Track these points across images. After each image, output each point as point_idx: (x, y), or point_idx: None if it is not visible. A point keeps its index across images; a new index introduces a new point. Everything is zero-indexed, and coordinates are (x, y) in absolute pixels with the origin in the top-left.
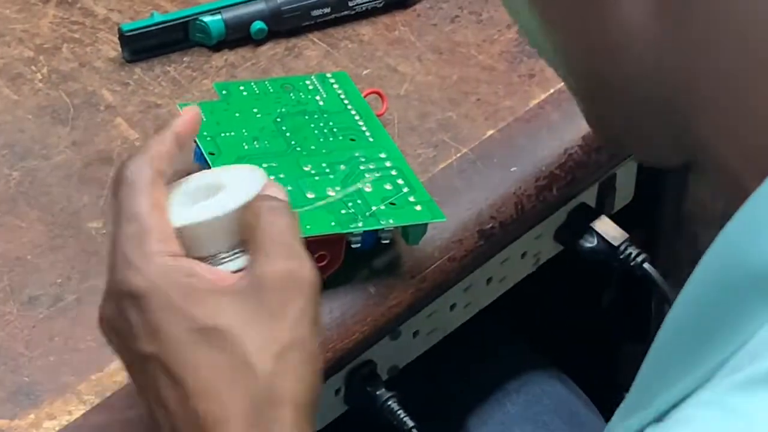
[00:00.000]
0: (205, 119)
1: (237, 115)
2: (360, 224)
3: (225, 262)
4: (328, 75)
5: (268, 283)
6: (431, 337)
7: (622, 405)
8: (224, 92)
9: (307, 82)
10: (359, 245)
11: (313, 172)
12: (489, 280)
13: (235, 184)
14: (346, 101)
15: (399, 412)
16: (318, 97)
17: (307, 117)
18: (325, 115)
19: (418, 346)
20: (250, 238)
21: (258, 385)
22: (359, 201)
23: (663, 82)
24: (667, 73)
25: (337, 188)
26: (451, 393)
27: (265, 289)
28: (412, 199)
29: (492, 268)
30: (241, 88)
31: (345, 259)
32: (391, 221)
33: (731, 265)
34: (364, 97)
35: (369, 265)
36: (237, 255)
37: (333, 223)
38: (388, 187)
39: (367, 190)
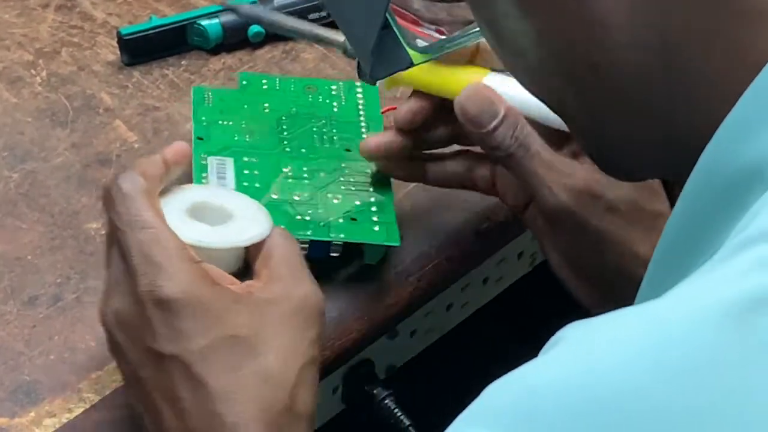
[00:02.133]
0: (210, 105)
1: (245, 106)
2: (309, 233)
3: None
4: (358, 83)
5: (292, 302)
6: (428, 337)
7: None
8: (244, 83)
9: (333, 87)
10: (305, 253)
11: (290, 174)
12: (485, 280)
13: (244, 216)
14: (361, 113)
15: (396, 410)
16: (335, 103)
17: (313, 120)
18: (332, 122)
19: (415, 346)
20: (266, 263)
21: (279, 397)
22: (320, 210)
23: (645, 55)
24: (648, 38)
25: (305, 194)
26: (447, 391)
27: (287, 306)
28: (375, 218)
29: (488, 268)
30: (264, 81)
31: (344, 260)
32: (342, 236)
33: (719, 168)
34: (383, 112)
35: (366, 265)
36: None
37: (283, 226)
38: (357, 202)
39: (335, 201)
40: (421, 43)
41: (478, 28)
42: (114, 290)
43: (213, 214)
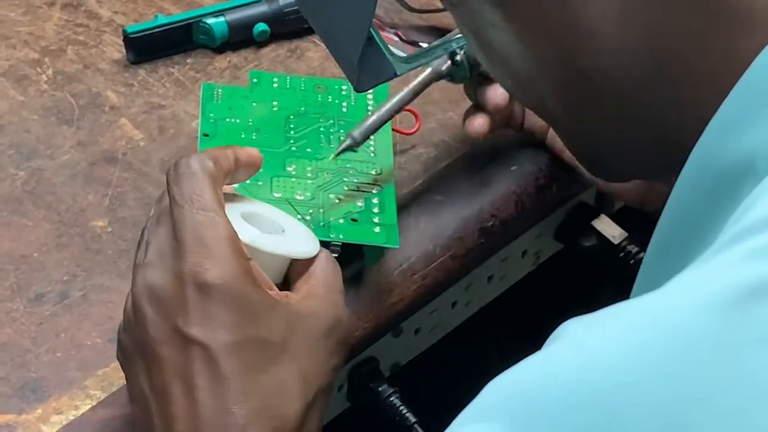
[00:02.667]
0: (219, 102)
1: (254, 104)
2: None
3: None
4: None
5: (325, 324)
6: (433, 335)
7: None
8: (255, 80)
9: (343, 87)
10: None
11: (294, 173)
12: (490, 278)
13: (294, 234)
14: (370, 113)
15: (401, 408)
16: (345, 104)
17: (321, 120)
18: (341, 122)
19: (419, 343)
20: (307, 280)
21: (291, 412)
22: (322, 210)
23: (633, 60)
24: (636, 43)
25: (308, 194)
26: (452, 389)
27: (319, 326)
28: (376, 220)
29: (493, 266)
30: (274, 80)
31: (347, 258)
32: (341, 236)
33: (710, 162)
34: None
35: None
36: None
37: (328, 251)
38: (359, 203)
39: (337, 201)
40: (396, 52)
41: (457, 37)
42: (155, 264)
43: (266, 224)
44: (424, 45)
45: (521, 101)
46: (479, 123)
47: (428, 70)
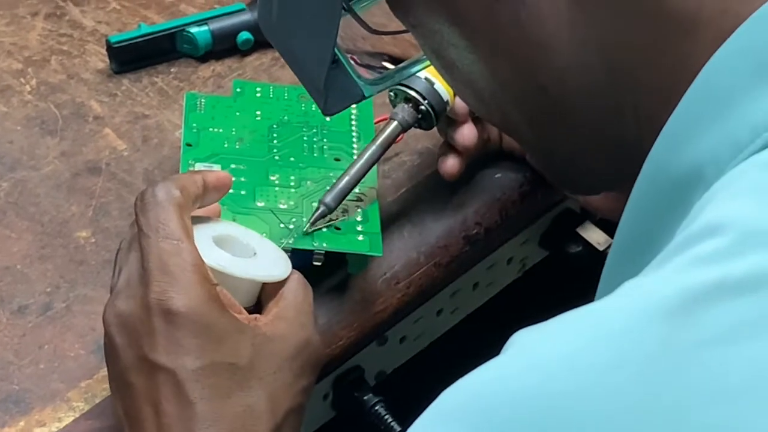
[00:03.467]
0: (202, 111)
1: (237, 114)
2: (291, 241)
3: None
4: None
5: (293, 345)
6: (418, 343)
7: None
8: (238, 90)
9: None
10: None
11: (277, 182)
12: (475, 286)
13: (266, 257)
14: (353, 123)
15: (386, 417)
16: None
17: (305, 129)
18: (324, 131)
19: (405, 352)
20: (276, 303)
21: None
22: (304, 219)
23: (588, 75)
24: (591, 57)
25: (291, 202)
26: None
27: (287, 348)
28: (359, 228)
29: (478, 273)
30: (258, 89)
31: (331, 266)
32: (324, 245)
33: (662, 170)
34: (377, 122)
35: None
36: None
37: (264, 234)
38: (342, 212)
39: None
40: (366, 75)
41: (423, 60)
42: (123, 292)
43: (237, 248)
44: (390, 66)
45: (486, 119)
46: (450, 164)
47: (394, 123)
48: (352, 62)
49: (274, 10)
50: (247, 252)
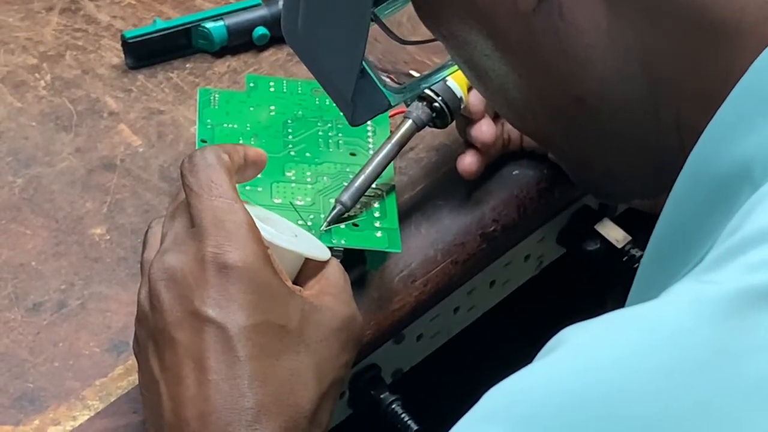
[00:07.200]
0: (216, 107)
1: (251, 109)
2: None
3: None
4: None
5: (338, 319)
6: (435, 341)
7: None
8: (252, 85)
9: None
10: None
11: (293, 178)
12: (492, 283)
13: (307, 239)
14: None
15: (403, 415)
16: None
17: (320, 124)
18: (339, 125)
19: (421, 350)
20: (319, 280)
21: (305, 401)
22: (322, 215)
23: (626, 85)
24: (630, 67)
25: (308, 199)
26: (454, 396)
27: (333, 320)
28: (378, 224)
29: (495, 271)
30: (271, 83)
31: (348, 263)
32: (343, 242)
33: (707, 169)
34: (392, 116)
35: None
36: None
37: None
38: (360, 208)
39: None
40: (391, 84)
41: (449, 66)
42: (173, 248)
43: (279, 227)
44: (416, 74)
45: (519, 129)
46: (469, 162)
47: (409, 122)
48: (378, 72)
49: (300, 21)
50: (288, 232)
